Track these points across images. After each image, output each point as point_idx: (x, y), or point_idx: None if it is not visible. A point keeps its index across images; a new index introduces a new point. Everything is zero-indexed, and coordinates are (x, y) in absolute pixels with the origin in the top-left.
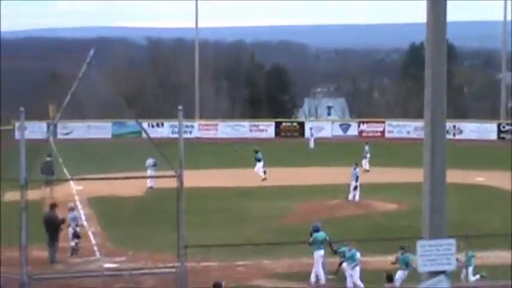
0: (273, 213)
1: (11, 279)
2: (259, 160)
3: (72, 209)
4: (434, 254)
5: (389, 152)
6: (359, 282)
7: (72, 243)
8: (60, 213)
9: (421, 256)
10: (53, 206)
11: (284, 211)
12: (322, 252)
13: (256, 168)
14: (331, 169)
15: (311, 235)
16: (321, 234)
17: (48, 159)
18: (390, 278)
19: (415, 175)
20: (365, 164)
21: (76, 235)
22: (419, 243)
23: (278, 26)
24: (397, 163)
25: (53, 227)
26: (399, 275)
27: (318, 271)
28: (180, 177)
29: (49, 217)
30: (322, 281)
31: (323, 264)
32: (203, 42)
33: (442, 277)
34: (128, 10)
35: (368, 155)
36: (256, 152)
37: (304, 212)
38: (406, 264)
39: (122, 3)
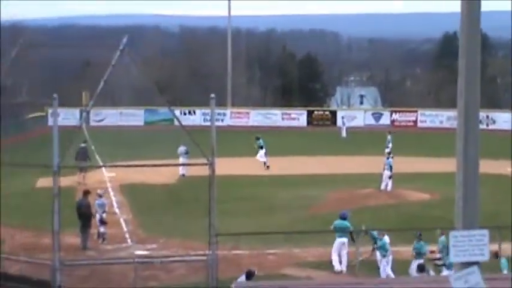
0: (304, 202)
1: (43, 264)
2: (261, 147)
3: (100, 196)
4: (467, 244)
5: (421, 141)
6: (390, 272)
7: (101, 229)
8: (92, 200)
9: (453, 247)
10: (86, 192)
11: (315, 200)
12: (341, 240)
13: (258, 156)
14: (363, 158)
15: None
16: (341, 223)
17: (83, 145)
18: (422, 268)
19: (447, 165)
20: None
21: (102, 221)
22: (451, 233)
23: (310, 15)
24: (429, 153)
25: (85, 213)
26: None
27: (333, 259)
28: (212, 165)
29: (82, 204)
30: (337, 268)
31: (340, 253)
32: (236, 31)
33: (474, 268)
34: None
35: (390, 145)
36: (258, 139)
37: (336, 201)
38: (419, 254)
39: None
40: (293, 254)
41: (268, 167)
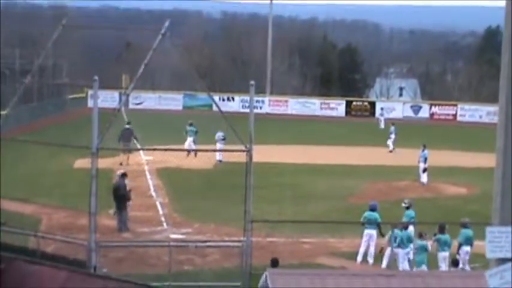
0: (340, 191)
1: (79, 245)
2: (195, 133)
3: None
4: (504, 240)
5: (460, 135)
6: (406, 266)
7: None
8: (129, 182)
9: (489, 242)
10: (124, 175)
11: (352, 190)
12: (370, 232)
13: (187, 143)
14: (401, 150)
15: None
16: (371, 214)
17: (127, 126)
18: (456, 263)
19: (486, 160)
20: (390, 144)
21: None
22: (488, 229)
23: (353, 5)
24: (468, 147)
25: (122, 195)
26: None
27: (361, 250)
28: (249, 152)
29: (118, 186)
30: (359, 260)
31: (368, 244)
32: (277, 18)
33: (510, 264)
34: None
35: (393, 136)
36: (190, 125)
37: (372, 192)
38: (445, 245)
39: None
40: (328, 243)
41: (195, 155)
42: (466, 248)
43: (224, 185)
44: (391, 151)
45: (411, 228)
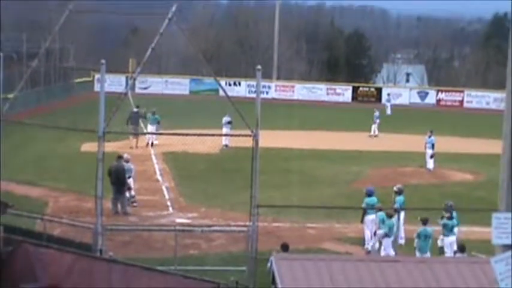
0: (346, 177)
1: (85, 228)
2: (157, 122)
3: (127, 161)
4: (510, 226)
5: (467, 122)
6: (392, 252)
7: (130, 193)
8: (132, 165)
9: (495, 229)
10: (120, 157)
11: (358, 175)
12: (371, 217)
13: (149, 130)
14: (407, 136)
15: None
16: (371, 199)
17: (135, 109)
18: (462, 248)
19: (492, 146)
20: (374, 129)
21: (128, 187)
22: (494, 215)
23: None
24: (475, 133)
25: (120, 179)
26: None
27: (366, 236)
28: (256, 137)
29: (116, 169)
30: (368, 246)
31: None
32: (284, 3)
33: None
34: None
35: (378, 121)
36: (153, 113)
37: (378, 177)
38: (450, 230)
39: None
40: (333, 228)
41: (152, 144)
42: (454, 234)
43: (230, 169)
44: (371, 136)
45: (402, 214)
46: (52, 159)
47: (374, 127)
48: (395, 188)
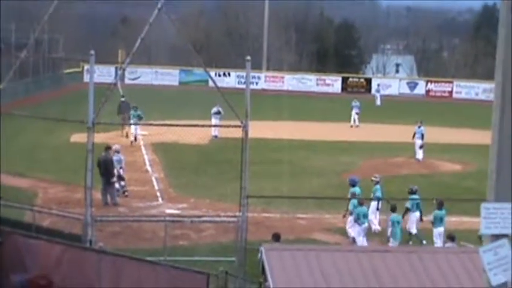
0: (336, 167)
1: (75, 219)
2: (140, 118)
3: (117, 152)
4: (499, 217)
5: (456, 112)
6: (364, 241)
7: (121, 184)
8: (122, 156)
9: (484, 219)
10: (108, 148)
11: (348, 166)
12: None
13: (133, 130)
14: (397, 127)
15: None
16: (355, 189)
17: (123, 99)
18: (452, 238)
19: (481, 137)
20: (354, 119)
21: (120, 177)
22: (483, 205)
23: None
24: (464, 124)
25: (108, 169)
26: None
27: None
28: (245, 128)
29: (104, 160)
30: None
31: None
32: None
33: (504, 241)
34: None
35: (357, 111)
36: (135, 109)
37: (368, 168)
38: (440, 221)
39: None
40: (323, 219)
41: (135, 139)
42: (415, 214)
43: (220, 160)
44: (352, 126)
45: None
46: (41, 150)
47: (355, 117)
48: (374, 177)
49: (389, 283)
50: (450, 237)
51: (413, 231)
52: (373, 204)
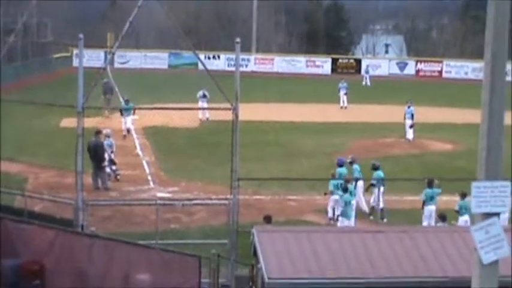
0: (327, 149)
1: (66, 204)
2: (128, 112)
3: (107, 136)
4: (489, 195)
5: (446, 92)
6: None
7: (112, 168)
8: (113, 141)
9: (475, 197)
10: (98, 132)
11: (338, 147)
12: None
13: (123, 124)
14: (387, 107)
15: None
16: (342, 170)
17: (105, 80)
18: (443, 218)
19: (471, 116)
20: (343, 100)
21: (112, 161)
22: (473, 184)
23: None
24: (454, 103)
25: (98, 153)
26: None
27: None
28: (235, 110)
29: (95, 144)
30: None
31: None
32: None
33: (495, 219)
34: None
35: (346, 91)
36: (127, 101)
37: (359, 149)
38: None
39: None
40: (314, 200)
41: (128, 131)
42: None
43: (210, 143)
44: (342, 107)
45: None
46: (31, 135)
47: (343, 98)
48: (348, 159)
49: (381, 263)
50: (441, 216)
51: (381, 205)
52: (360, 185)
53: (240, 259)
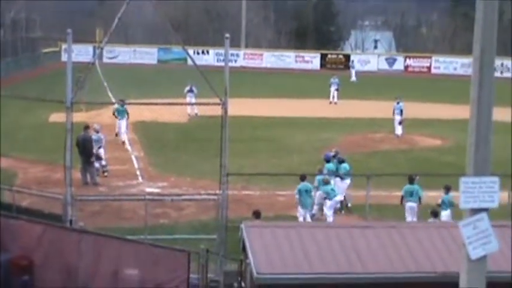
0: (316, 144)
1: (55, 199)
2: (127, 114)
3: (96, 131)
4: (477, 191)
5: (435, 87)
6: (331, 215)
7: (99, 164)
8: (102, 135)
9: (463, 193)
10: (87, 127)
11: (327, 142)
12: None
13: (118, 129)
14: (376, 103)
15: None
16: (329, 165)
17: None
18: (436, 213)
19: (460, 111)
20: (333, 95)
21: (98, 157)
22: (462, 179)
23: None
24: (442, 99)
25: (87, 148)
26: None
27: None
28: (224, 105)
29: (83, 139)
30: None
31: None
32: None
33: (483, 214)
34: None
35: (337, 87)
36: (122, 104)
37: (348, 144)
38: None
39: None
40: None
41: (117, 134)
42: (346, 181)
43: (199, 138)
44: (331, 102)
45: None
46: (20, 130)
47: (334, 94)
48: (332, 153)
49: (369, 258)
50: (434, 212)
51: (341, 198)
52: (347, 182)
53: (229, 254)
